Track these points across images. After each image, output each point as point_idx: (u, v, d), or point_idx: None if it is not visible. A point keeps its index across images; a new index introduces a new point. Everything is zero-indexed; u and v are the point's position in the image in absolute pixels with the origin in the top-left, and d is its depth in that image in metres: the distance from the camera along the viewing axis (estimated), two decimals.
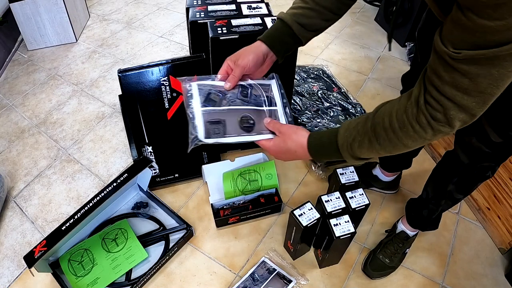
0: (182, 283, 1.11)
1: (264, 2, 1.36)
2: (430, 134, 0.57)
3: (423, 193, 1.06)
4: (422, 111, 0.55)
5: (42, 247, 0.95)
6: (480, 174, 0.89)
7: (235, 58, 0.79)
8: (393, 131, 0.59)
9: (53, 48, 2.06)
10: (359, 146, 0.64)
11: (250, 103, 0.81)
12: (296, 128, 0.74)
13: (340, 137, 0.67)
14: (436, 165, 1.02)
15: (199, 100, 0.77)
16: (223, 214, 1.20)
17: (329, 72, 1.74)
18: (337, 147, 0.67)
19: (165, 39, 2.13)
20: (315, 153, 0.71)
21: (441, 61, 0.50)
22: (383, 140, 0.61)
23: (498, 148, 0.80)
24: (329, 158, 0.71)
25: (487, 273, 1.16)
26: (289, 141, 0.73)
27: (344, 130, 0.67)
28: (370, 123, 0.63)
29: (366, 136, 0.63)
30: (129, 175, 1.07)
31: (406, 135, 0.58)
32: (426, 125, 0.56)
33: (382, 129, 0.61)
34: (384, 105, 0.63)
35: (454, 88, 0.51)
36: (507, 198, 1.16)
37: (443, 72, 0.51)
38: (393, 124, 0.59)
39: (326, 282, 1.12)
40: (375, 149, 0.64)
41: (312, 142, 0.71)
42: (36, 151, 1.50)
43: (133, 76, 1.18)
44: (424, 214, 1.06)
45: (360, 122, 0.65)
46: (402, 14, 2.03)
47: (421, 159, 1.22)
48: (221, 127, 0.78)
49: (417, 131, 0.57)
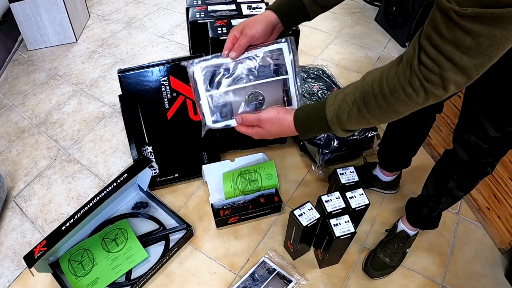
0: (182, 283, 1.11)
1: (264, 2, 1.36)
2: (422, 98, 0.55)
3: (423, 191, 1.06)
4: (415, 73, 0.53)
5: (42, 247, 0.95)
6: (480, 170, 0.90)
7: (241, 27, 0.76)
8: (383, 97, 0.58)
9: (53, 48, 2.06)
10: (348, 117, 0.63)
11: (258, 77, 0.77)
12: (277, 112, 0.72)
13: (328, 110, 0.65)
14: (435, 163, 1.02)
15: (203, 84, 0.75)
16: (223, 214, 1.20)
17: (329, 72, 1.74)
18: (326, 122, 0.66)
19: (165, 39, 2.13)
20: (303, 131, 0.71)
21: (444, 17, 0.48)
22: (372, 108, 0.60)
23: (497, 143, 0.80)
24: (318, 133, 0.70)
25: (487, 273, 1.16)
26: (273, 128, 0.72)
27: (332, 102, 0.65)
28: (359, 91, 0.61)
29: (354, 106, 0.61)
30: (129, 175, 1.07)
31: (397, 100, 0.57)
32: (419, 88, 0.54)
33: (371, 96, 0.59)
34: (371, 72, 0.61)
35: (454, 47, 0.49)
36: (507, 198, 1.16)
37: (445, 30, 0.49)
38: (384, 90, 0.57)
39: (326, 282, 1.12)
40: (365, 119, 0.62)
41: (300, 120, 0.70)
42: (36, 151, 1.50)
43: (133, 76, 1.18)
44: (425, 212, 1.06)
45: (348, 93, 0.63)
46: (402, 14, 2.03)
47: (420, 158, 1.23)
48: (228, 110, 0.76)
49: (409, 94, 0.55)
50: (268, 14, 0.77)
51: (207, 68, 0.76)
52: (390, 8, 2.12)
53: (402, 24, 2.05)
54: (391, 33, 2.17)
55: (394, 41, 2.13)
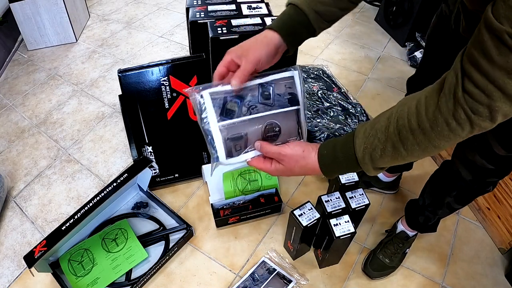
0: (182, 283, 1.11)
1: (264, 2, 1.36)
2: (468, 131, 0.49)
3: (419, 199, 1.06)
4: (460, 104, 0.47)
5: (42, 247, 0.95)
6: (481, 189, 0.88)
7: (239, 52, 0.65)
8: (422, 132, 0.51)
9: (53, 48, 2.06)
10: (382, 155, 0.56)
11: (274, 106, 0.68)
12: (302, 150, 0.63)
13: (358, 149, 0.57)
14: (433, 174, 1.00)
15: (214, 113, 0.65)
16: (223, 214, 1.20)
17: (329, 72, 1.74)
18: (356, 162, 0.58)
19: (165, 39, 2.13)
20: (329, 172, 0.62)
21: (497, 41, 0.43)
22: (410, 144, 0.53)
23: (502, 162, 0.77)
24: (347, 172, 0.63)
25: (487, 273, 1.16)
26: (296, 168, 0.64)
27: (361, 140, 0.57)
28: (392, 126, 0.54)
29: (389, 143, 0.54)
30: (129, 175, 1.07)
31: (439, 135, 0.50)
32: (465, 121, 0.48)
33: (408, 131, 0.52)
34: (405, 102, 0.54)
35: (506, 74, 0.43)
36: (507, 198, 1.16)
37: (497, 55, 0.43)
38: (423, 124, 0.51)
39: (326, 282, 1.12)
40: (400, 156, 0.55)
41: (325, 161, 0.62)
42: (36, 151, 1.50)
43: (133, 76, 1.18)
44: (420, 221, 1.06)
45: (380, 128, 0.55)
46: (402, 14, 2.03)
47: (421, 159, 1.22)
48: (242, 142, 0.67)
49: (453, 129, 0.49)
50: (269, 35, 0.67)
51: (216, 94, 0.65)
52: (390, 8, 2.12)
53: (402, 24, 2.05)
54: (391, 33, 2.17)
55: (394, 41, 2.13)
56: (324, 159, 0.62)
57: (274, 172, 0.67)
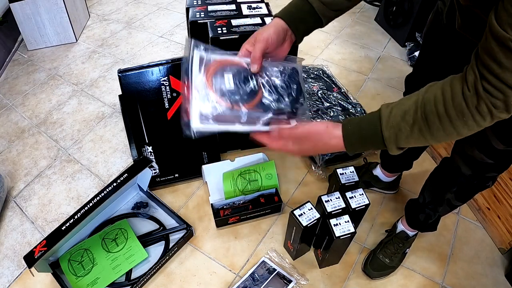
0: (182, 283, 1.11)
1: (264, 2, 1.36)
2: (488, 122, 0.55)
3: (419, 197, 1.06)
4: (483, 100, 0.52)
5: (42, 247, 0.95)
6: (481, 184, 0.89)
7: (252, 39, 0.71)
8: (449, 120, 0.55)
9: (53, 48, 2.06)
10: (407, 136, 0.59)
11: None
12: (325, 125, 0.66)
13: (385, 128, 0.60)
14: (433, 171, 1.01)
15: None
16: (223, 214, 1.20)
17: (329, 72, 1.74)
18: (382, 140, 0.61)
19: (165, 39, 2.13)
20: (353, 148, 0.65)
21: (502, 48, 0.48)
22: (436, 129, 0.57)
23: (501, 156, 0.79)
24: (369, 149, 0.65)
25: (487, 273, 1.16)
26: (319, 143, 0.67)
27: (387, 119, 0.60)
28: (420, 110, 0.57)
29: (416, 126, 0.58)
30: (129, 175, 1.07)
31: (464, 124, 0.55)
32: (487, 114, 0.53)
33: (436, 117, 0.56)
34: (431, 90, 0.58)
35: None
36: (507, 198, 1.16)
37: (505, 59, 0.48)
38: (450, 111, 0.55)
39: (326, 282, 1.12)
40: (425, 139, 0.59)
41: (350, 135, 0.64)
42: (36, 151, 1.50)
43: (133, 76, 1.18)
44: (421, 219, 1.06)
45: (408, 110, 0.59)
46: (402, 14, 2.03)
47: (421, 159, 1.22)
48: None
49: (476, 120, 0.54)
50: (276, 21, 0.72)
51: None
52: (390, 8, 2.12)
53: (402, 24, 2.05)
54: (391, 33, 2.17)
55: (394, 41, 2.13)
56: (350, 135, 0.64)
57: (297, 152, 0.69)
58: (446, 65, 0.57)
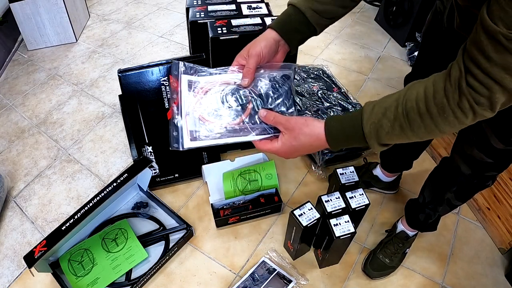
0: (182, 283, 1.11)
1: (264, 2, 1.36)
2: (471, 119, 0.54)
3: (419, 197, 1.06)
4: (465, 95, 0.51)
5: (42, 247, 0.95)
6: (480, 184, 0.89)
7: (244, 52, 0.71)
8: (430, 117, 0.55)
9: (53, 48, 2.06)
10: (388, 133, 0.59)
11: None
12: (305, 119, 0.66)
13: (365, 124, 0.60)
14: (433, 171, 1.01)
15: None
16: (223, 214, 1.20)
17: (329, 72, 1.74)
18: (362, 136, 0.61)
19: (165, 39, 2.13)
20: (335, 143, 0.65)
21: (493, 41, 0.47)
22: (417, 127, 0.57)
23: (500, 156, 0.79)
24: (351, 146, 0.65)
25: (487, 273, 1.16)
26: (301, 136, 0.65)
27: (369, 115, 0.60)
28: (401, 107, 0.57)
29: (397, 122, 0.58)
30: (129, 175, 1.07)
31: (445, 121, 0.55)
32: (468, 110, 0.52)
33: (417, 115, 0.56)
34: (413, 87, 0.58)
35: (503, 70, 0.48)
36: (507, 198, 1.16)
37: (493, 53, 0.47)
38: (431, 109, 0.54)
39: (326, 282, 1.12)
40: (406, 136, 0.59)
41: (331, 131, 0.64)
42: (36, 151, 1.50)
43: (133, 76, 1.18)
44: (421, 219, 1.06)
45: (389, 107, 0.58)
46: (402, 14, 2.03)
47: (421, 159, 1.23)
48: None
49: (458, 116, 0.54)
50: (267, 33, 0.72)
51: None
52: (390, 8, 2.12)
53: (402, 24, 2.05)
54: (391, 33, 2.17)
55: (394, 41, 2.13)
56: (331, 130, 0.64)
57: (280, 149, 0.69)
58: (445, 64, 0.56)
